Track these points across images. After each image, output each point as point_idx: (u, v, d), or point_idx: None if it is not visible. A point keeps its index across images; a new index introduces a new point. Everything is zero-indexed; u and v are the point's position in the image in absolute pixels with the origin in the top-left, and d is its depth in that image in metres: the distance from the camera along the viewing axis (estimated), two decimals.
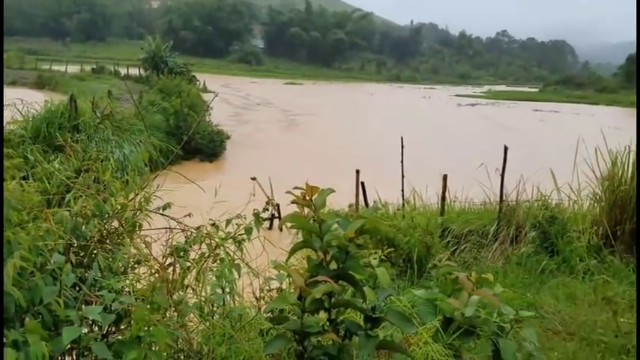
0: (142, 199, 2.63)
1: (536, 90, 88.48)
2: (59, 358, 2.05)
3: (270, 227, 11.48)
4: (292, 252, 2.06)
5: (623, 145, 7.60)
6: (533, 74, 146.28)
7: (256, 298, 2.73)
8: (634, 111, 52.79)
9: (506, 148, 8.06)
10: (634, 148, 7.46)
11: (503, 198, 8.17)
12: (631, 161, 7.45)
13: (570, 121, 39.36)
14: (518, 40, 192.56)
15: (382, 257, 2.65)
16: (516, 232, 7.78)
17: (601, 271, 6.56)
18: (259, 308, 2.65)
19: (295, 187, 2.01)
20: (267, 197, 3.04)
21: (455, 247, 7.69)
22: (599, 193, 7.78)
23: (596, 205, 7.90)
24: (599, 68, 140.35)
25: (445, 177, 8.46)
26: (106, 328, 2.09)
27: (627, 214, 7.30)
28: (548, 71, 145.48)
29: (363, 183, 8.59)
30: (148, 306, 1.99)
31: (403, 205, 8.24)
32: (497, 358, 2.39)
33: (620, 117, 46.22)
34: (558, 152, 10.55)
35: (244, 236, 2.74)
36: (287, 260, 2.13)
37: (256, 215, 2.75)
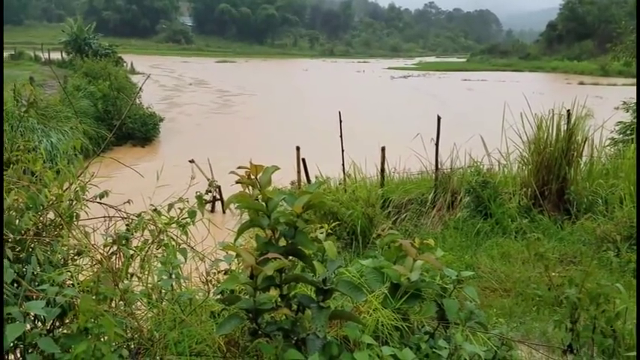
0: (78, 188, 2.53)
1: (464, 60, 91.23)
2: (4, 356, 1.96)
3: (213, 210, 11.35)
4: (240, 232, 2.06)
5: (547, 109, 8.01)
6: (460, 44, 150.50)
7: (204, 281, 2.71)
8: (556, 76, 55.76)
9: (439, 119, 8.30)
10: (557, 111, 7.88)
11: (439, 166, 8.45)
12: (555, 124, 7.87)
13: (497, 88, 40.94)
14: (445, 11, 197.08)
15: (328, 231, 2.69)
16: (452, 198, 8.09)
17: (531, 229, 6.97)
18: (208, 291, 2.63)
19: (239, 167, 2.00)
20: (208, 179, 3.00)
21: (396, 217, 7.91)
22: (527, 156, 8.19)
23: (524, 167, 8.32)
24: (522, 35, 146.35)
25: (383, 149, 8.63)
26: (50, 323, 2.02)
27: (553, 175, 7.75)
28: (474, 41, 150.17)
29: (304, 159, 8.60)
30: (94, 297, 1.94)
31: (345, 179, 8.34)
32: (441, 318, 2.51)
33: (543, 82, 48.70)
34: (488, 119, 10.98)
35: (188, 220, 2.69)
36: (235, 240, 2.12)
37: (199, 197, 2.71)
